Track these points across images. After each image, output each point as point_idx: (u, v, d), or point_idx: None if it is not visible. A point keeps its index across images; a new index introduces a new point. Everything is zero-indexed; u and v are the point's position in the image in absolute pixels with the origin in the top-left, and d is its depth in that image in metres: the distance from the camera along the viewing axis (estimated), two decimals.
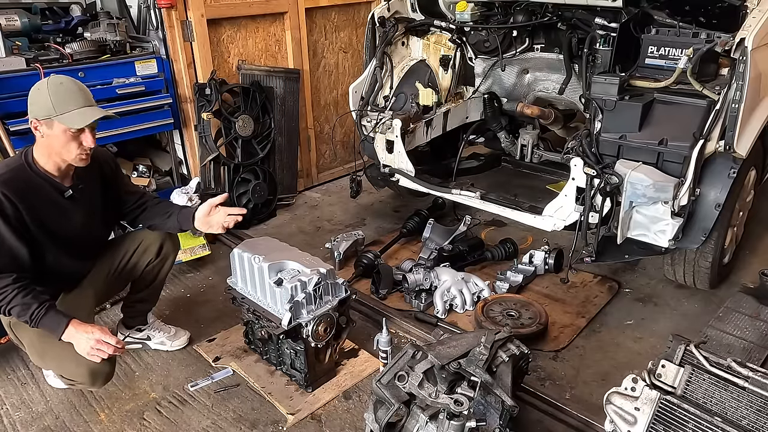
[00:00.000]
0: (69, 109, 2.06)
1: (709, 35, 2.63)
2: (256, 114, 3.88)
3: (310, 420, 2.34)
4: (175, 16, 3.60)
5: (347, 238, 3.51)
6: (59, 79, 2.13)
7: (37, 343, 2.22)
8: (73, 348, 2.08)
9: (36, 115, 2.07)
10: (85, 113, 2.10)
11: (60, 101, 2.05)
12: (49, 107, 2.04)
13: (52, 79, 2.12)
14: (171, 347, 2.75)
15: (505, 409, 1.92)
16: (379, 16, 3.65)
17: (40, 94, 2.07)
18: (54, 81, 2.10)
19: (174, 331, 2.78)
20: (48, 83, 2.08)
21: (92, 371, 2.15)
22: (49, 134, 2.08)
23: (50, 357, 2.22)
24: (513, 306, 2.91)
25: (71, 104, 2.08)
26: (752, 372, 1.70)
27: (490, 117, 3.88)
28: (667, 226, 2.61)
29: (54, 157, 2.14)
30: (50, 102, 2.04)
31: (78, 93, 2.12)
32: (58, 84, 2.09)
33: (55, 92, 2.06)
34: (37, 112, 2.07)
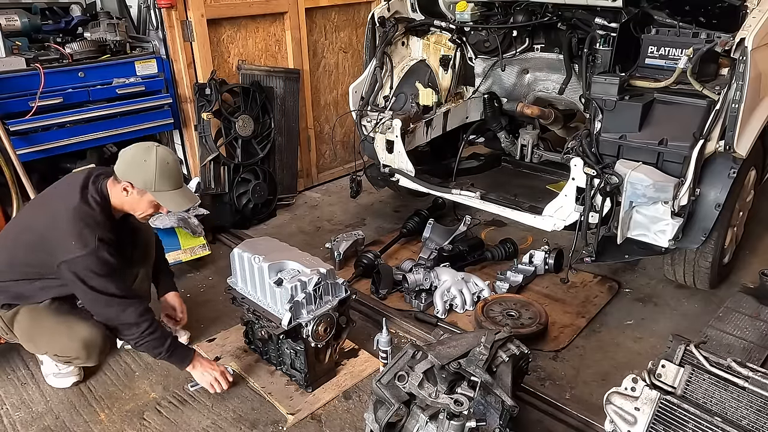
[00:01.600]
0: (166, 189, 2.25)
1: (709, 35, 2.63)
2: (256, 114, 3.88)
3: (310, 420, 2.34)
4: (175, 16, 3.60)
5: (347, 238, 3.51)
6: (164, 155, 2.24)
7: (29, 331, 2.33)
8: (62, 326, 2.30)
9: (132, 180, 2.21)
10: (178, 199, 2.31)
11: (162, 181, 2.22)
12: (149, 182, 2.21)
13: (159, 155, 2.22)
14: None
15: (505, 409, 1.92)
16: (379, 16, 3.65)
17: (144, 166, 2.20)
18: (161, 158, 2.22)
19: (174, 331, 2.77)
20: (156, 159, 2.20)
21: (86, 343, 2.29)
22: (137, 199, 2.27)
23: (42, 339, 2.33)
24: (513, 306, 2.91)
25: (169, 185, 2.25)
26: (752, 372, 1.70)
27: (490, 117, 3.88)
28: (667, 226, 2.61)
29: (126, 210, 2.34)
30: (154, 178, 2.20)
31: (177, 174, 2.29)
32: (165, 164, 2.23)
33: (161, 172, 2.21)
34: (135, 179, 2.21)
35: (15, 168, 3.01)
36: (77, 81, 3.30)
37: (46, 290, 2.32)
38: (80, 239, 2.14)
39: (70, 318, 2.34)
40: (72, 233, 2.15)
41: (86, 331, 2.31)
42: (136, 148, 2.25)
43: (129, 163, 2.22)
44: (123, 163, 2.23)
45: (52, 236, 2.19)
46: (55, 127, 3.20)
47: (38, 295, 2.32)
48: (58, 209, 2.23)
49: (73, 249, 2.13)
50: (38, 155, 3.18)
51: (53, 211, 2.25)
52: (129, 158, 2.23)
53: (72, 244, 2.14)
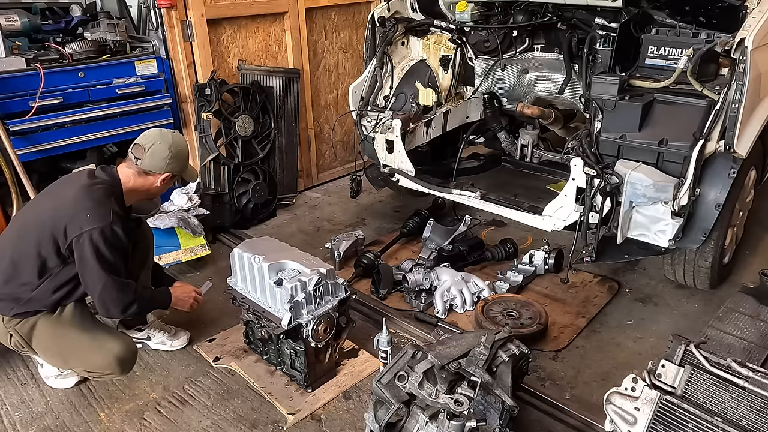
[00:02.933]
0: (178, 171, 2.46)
1: (709, 35, 2.63)
2: (256, 114, 3.88)
3: (310, 420, 2.34)
4: (175, 16, 3.60)
5: (347, 238, 3.51)
6: (178, 143, 2.41)
7: (55, 347, 2.31)
8: (93, 343, 2.30)
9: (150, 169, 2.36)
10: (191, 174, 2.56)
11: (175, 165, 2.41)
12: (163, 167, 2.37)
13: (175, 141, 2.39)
14: (171, 347, 2.74)
15: (505, 409, 1.92)
16: (379, 16, 3.65)
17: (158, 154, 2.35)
18: (176, 145, 2.39)
19: (174, 330, 2.79)
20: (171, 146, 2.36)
21: (120, 359, 2.31)
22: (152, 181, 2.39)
23: (72, 355, 2.32)
24: (513, 306, 2.91)
25: (181, 168, 2.46)
26: (752, 372, 1.70)
27: (490, 117, 3.88)
28: (667, 226, 2.61)
29: (141, 195, 2.44)
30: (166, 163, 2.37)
31: (185, 158, 2.48)
32: (177, 150, 2.40)
33: (175, 157, 2.38)
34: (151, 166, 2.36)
35: (15, 168, 3.01)
36: (77, 81, 3.29)
37: (56, 290, 2.28)
38: (96, 212, 2.17)
39: (97, 333, 2.34)
40: (86, 207, 2.18)
41: (119, 346, 2.32)
42: (158, 139, 2.36)
43: (150, 152, 2.33)
44: (155, 158, 2.34)
45: (63, 216, 2.19)
46: (55, 127, 3.20)
47: (49, 298, 2.28)
48: (65, 195, 2.26)
49: (90, 221, 2.15)
50: (38, 155, 3.18)
51: (61, 197, 2.27)
52: (160, 151, 2.34)
53: (87, 217, 2.16)
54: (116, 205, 2.25)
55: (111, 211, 2.19)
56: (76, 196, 2.22)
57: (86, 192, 2.23)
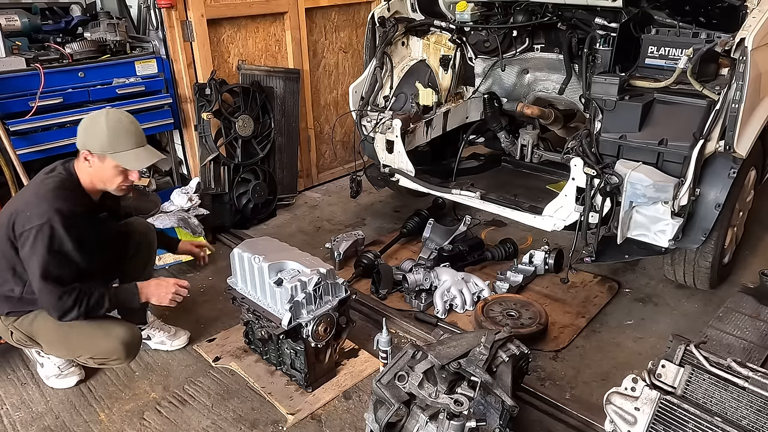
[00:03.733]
0: (125, 149, 2.17)
1: (709, 35, 2.63)
2: (256, 114, 3.88)
3: (310, 420, 2.34)
4: (175, 16, 3.60)
5: (347, 238, 3.51)
6: (117, 114, 2.20)
7: (59, 337, 2.29)
8: (98, 329, 2.27)
9: (89, 147, 2.16)
10: (141, 156, 2.22)
11: (117, 139, 2.15)
12: (104, 144, 2.14)
13: (110, 114, 2.18)
14: (171, 347, 2.74)
15: (505, 409, 1.92)
16: (379, 16, 3.65)
17: (96, 128, 2.14)
18: (113, 117, 2.17)
19: (174, 330, 2.78)
20: (107, 118, 2.15)
21: (126, 343, 2.28)
22: (100, 166, 2.20)
23: (78, 343, 2.30)
24: (513, 306, 2.91)
25: (127, 143, 2.18)
26: (752, 372, 1.70)
27: (490, 117, 3.88)
28: (667, 226, 2.61)
29: (97, 185, 2.27)
30: (106, 139, 2.14)
31: (134, 132, 2.21)
32: (117, 120, 2.16)
33: (114, 129, 2.15)
34: (91, 144, 2.15)
35: (15, 168, 3.01)
36: (77, 81, 3.30)
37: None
38: (35, 210, 2.07)
39: (101, 320, 2.32)
40: (29, 205, 2.10)
41: (124, 331, 2.30)
42: (89, 115, 2.20)
43: (83, 130, 2.18)
44: (78, 134, 2.18)
45: (13, 217, 2.12)
46: (55, 127, 3.20)
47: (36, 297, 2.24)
48: (22, 193, 2.26)
49: (29, 220, 2.07)
50: (38, 155, 3.18)
51: (18, 196, 2.26)
52: (83, 126, 2.18)
53: (27, 216, 2.08)
54: (64, 201, 2.11)
55: (52, 209, 2.06)
56: (24, 194, 2.18)
57: (34, 189, 2.16)
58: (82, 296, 2.16)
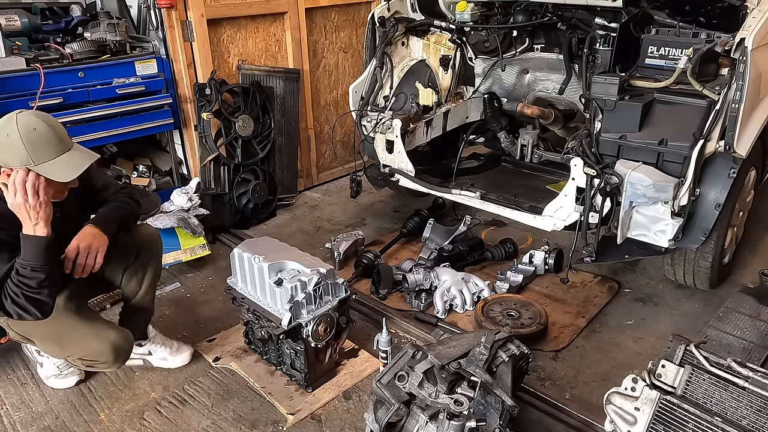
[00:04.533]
0: (50, 158, 1.89)
1: (709, 35, 2.63)
2: (256, 114, 3.88)
3: (310, 420, 2.34)
4: (175, 16, 3.60)
5: (347, 238, 3.51)
6: (29, 123, 1.87)
7: (52, 334, 2.23)
8: (90, 330, 2.19)
9: (11, 164, 1.86)
10: (70, 163, 1.93)
11: (38, 151, 1.87)
12: (24, 157, 1.85)
13: (21, 123, 1.86)
14: (173, 364, 2.62)
15: (505, 409, 1.92)
16: (379, 16, 3.65)
17: (9, 142, 1.84)
18: (25, 127, 1.85)
19: (176, 346, 2.66)
20: (19, 130, 1.84)
21: (115, 347, 2.19)
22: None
23: (69, 343, 2.23)
24: (513, 306, 2.91)
25: (51, 152, 1.90)
26: (752, 372, 1.70)
27: (490, 117, 3.88)
28: (667, 226, 2.61)
29: None
30: (25, 152, 1.85)
31: (54, 138, 1.92)
32: (30, 130, 1.86)
33: (30, 141, 1.85)
34: (9, 161, 1.86)
35: None
36: (77, 81, 3.30)
37: None
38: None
39: (96, 321, 2.27)
40: None
41: (115, 335, 2.22)
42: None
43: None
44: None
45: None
46: None
47: None
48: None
49: None
50: None
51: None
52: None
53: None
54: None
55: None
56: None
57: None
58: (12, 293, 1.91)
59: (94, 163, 2.04)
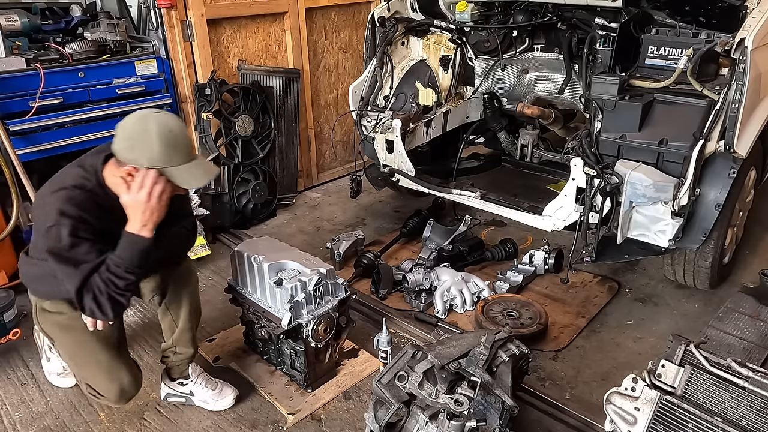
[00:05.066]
0: (179, 163, 1.87)
1: (709, 35, 2.63)
2: (256, 114, 3.88)
3: (310, 420, 2.34)
4: (175, 16, 3.60)
5: (347, 238, 3.51)
6: (168, 124, 1.85)
7: (76, 357, 2.17)
8: (105, 365, 2.11)
9: (136, 162, 1.83)
10: (195, 171, 1.92)
11: (170, 153, 1.84)
12: (154, 159, 1.83)
13: (159, 122, 1.84)
14: (215, 407, 2.40)
15: (505, 409, 1.93)
16: (379, 16, 3.65)
17: (145, 140, 1.82)
18: (163, 127, 1.83)
19: (220, 387, 2.43)
20: (158, 129, 1.82)
21: (122, 390, 2.13)
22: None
23: (81, 368, 2.19)
24: (513, 306, 2.91)
25: (181, 158, 1.87)
26: (752, 372, 1.70)
27: (490, 117, 3.89)
28: (667, 226, 2.61)
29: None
30: (159, 152, 1.82)
31: (186, 144, 1.91)
32: (167, 131, 1.83)
33: (165, 142, 1.82)
34: (138, 159, 1.83)
35: (15, 168, 3.01)
36: (77, 81, 3.29)
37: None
38: (45, 212, 1.85)
39: (115, 358, 2.15)
40: (41, 206, 1.89)
41: (128, 379, 2.14)
42: (131, 120, 1.86)
43: (126, 139, 1.84)
44: (120, 140, 1.85)
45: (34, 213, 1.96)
46: (55, 127, 3.20)
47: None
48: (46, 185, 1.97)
49: (42, 219, 1.86)
50: (38, 155, 3.18)
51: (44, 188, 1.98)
52: (126, 135, 1.84)
53: (39, 220, 1.90)
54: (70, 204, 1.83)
55: (57, 213, 1.81)
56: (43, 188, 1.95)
57: (50, 184, 1.92)
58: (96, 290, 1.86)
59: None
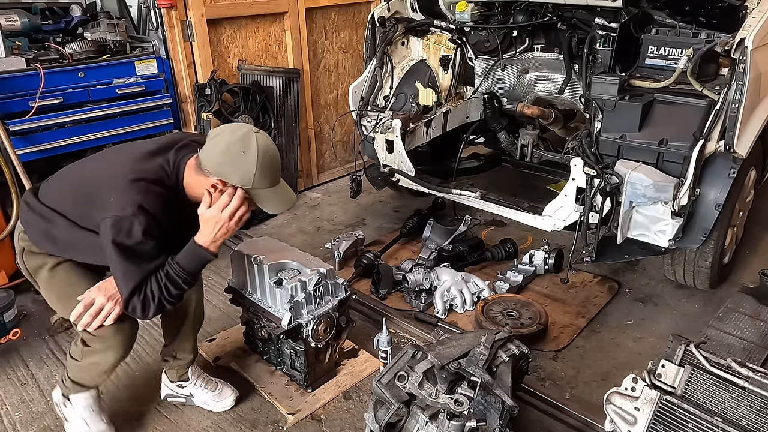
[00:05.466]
0: (266, 186, 1.89)
1: (709, 35, 2.63)
2: (256, 114, 3.88)
3: (310, 420, 2.34)
4: (175, 16, 3.60)
5: (347, 238, 3.51)
6: (268, 146, 1.88)
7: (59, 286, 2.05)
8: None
9: (226, 178, 1.84)
10: (279, 196, 1.96)
11: (263, 176, 1.86)
12: (246, 179, 1.85)
13: (261, 143, 1.85)
14: (215, 408, 2.40)
15: (505, 409, 1.92)
16: (379, 16, 3.65)
17: (244, 161, 1.83)
18: (264, 149, 1.85)
19: (219, 389, 2.42)
20: (258, 150, 1.83)
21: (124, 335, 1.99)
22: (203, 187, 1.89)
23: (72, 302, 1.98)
24: (513, 306, 2.91)
25: (270, 181, 1.90)
26: (752, 372, 1.70)
27: (490, 117, 3.88)
28: (667, 226, 2.61)
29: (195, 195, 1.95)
30: (253, 173, 1.84)
31: (277, 169, 1.93)
32: (267, 154, 1.86)
33: (262, 164, 1.84)
34: (230, 176, 1.84)
35: (15, 168, 3.01)
36: (77, 81, 3.29)
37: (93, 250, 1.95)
38: (121, 199, 1.81)
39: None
40: (117, 190, 1.83)
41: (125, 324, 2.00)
42: (232, 134, 1.85)
43: (223, 153, 1.82)
44: (215, 153, 1.84)
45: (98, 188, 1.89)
46: (55, 127, 3.20)
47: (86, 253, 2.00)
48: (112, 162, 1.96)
49: (111, 207, 1.81)
50: (38, 155, 3.18)
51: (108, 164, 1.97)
52: (223, 148, 1.83)
53: (111, 201, 1.82)
54: (151, 200, 1.83)
55: (136, 206, 1.79)
56: (115, 171, 1.88)
57: (128, 170, 1.86)
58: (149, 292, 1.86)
59: None
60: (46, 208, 2.01)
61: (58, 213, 1.98)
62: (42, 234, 2.03)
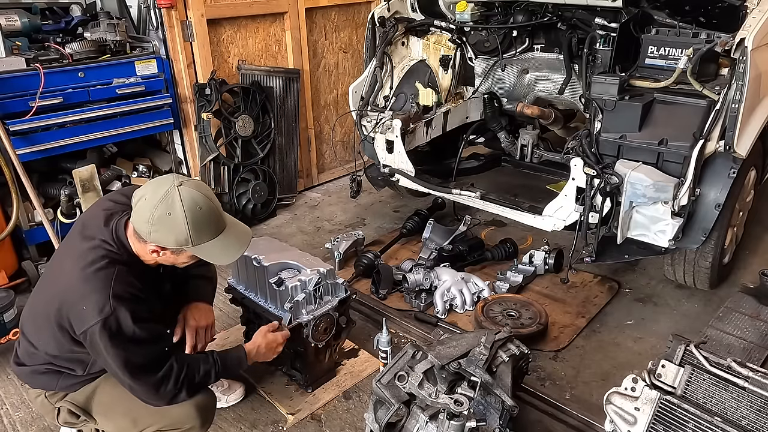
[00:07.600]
0: (209, 239, 1.76)
1: (709, 35, 2.63)
2: (256, 114, 3.88)
3: (310, 420, 2.34)
4: (175, 16, 3.60)
5: (347, 238, 3.51)
6: (195, 200, 1.71)
7: (123, 408, 1.93)
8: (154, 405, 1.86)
9: (162, 243, 1.73)
10: (228, 246, 1.82)
11: (199, 232, 1.72)
12: (183, 240, 1.71)
13: (186, 200, 1.69)
14: (225, 403, 2.41)
15: (505, 409, 1.92)
16: (379, 16, 3.65)
17: (172, 223, 1.69)
18: (190, 205, 1.70)
19: (227, 384, 2.45)
20: (184, 208, 1.69)
21: (200, 407, 1.91)
22: (173, 257, 1.81)
23: (145, 414, 1.90)
24: (513, 306, 2.91)
25: (211, 232, 1.76)
26: (752, 372, 1.70)
27: (490, 117, 3.88)
28: (667, 226, 2.61)
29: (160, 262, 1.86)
30: (187, 233, 1.70)
31: (216, 216, 1.78)
32: (196, 210, 1.71)
33: (194, 221, 1.70)
34: (164, 241, 1.72)
35: (15, 168, 3.01)
36: (77, 81, 3.30)
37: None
38: (92, 302, 1.68)
39: None
40: (82, 296, 1.70)
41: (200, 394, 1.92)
42: (154, 195, 1.70)
43: (149, 220, 1.69)
44: (142, 221, 1.70)
45: (64, 306, 1.74)
46: (55, 127, 3.20)
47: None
48: (64, 272, 1.80)
49: (89, 315, 1.68)
50: (38, 155, 3.18)
51: (60, 276, 1.82)
52: (147, 215, 1.69)
53: (83, 310, 1.69)
54: (117, 283, 1.71)
55: (109, 297, 1.68)
56: (70, 280, 1.75)
57: (82, 271, 1.73)
58: (182, 375, 1.81)
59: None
60: (41, 365, 1.90)
61: (53, 356, 1.88)
62: (59, 379, 1.92)
